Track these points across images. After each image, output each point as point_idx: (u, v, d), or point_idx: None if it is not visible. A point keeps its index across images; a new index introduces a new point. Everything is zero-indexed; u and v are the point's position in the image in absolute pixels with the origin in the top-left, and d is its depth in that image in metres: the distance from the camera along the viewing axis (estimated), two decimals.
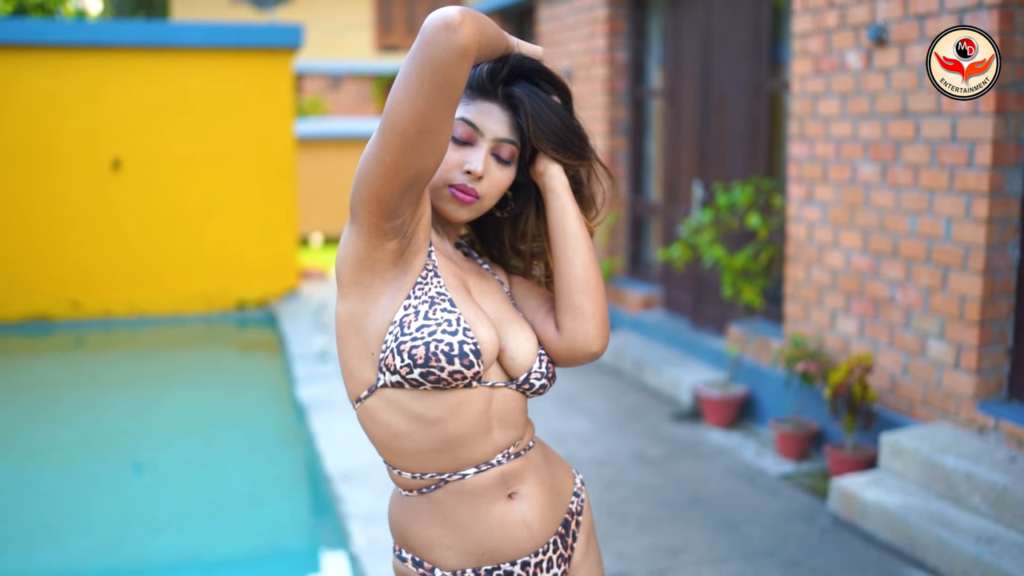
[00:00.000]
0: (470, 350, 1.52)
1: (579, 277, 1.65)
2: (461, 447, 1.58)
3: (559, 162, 1.65)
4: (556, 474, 1.75)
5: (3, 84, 8.79)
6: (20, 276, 8.92)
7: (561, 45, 8.05)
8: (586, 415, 5.74)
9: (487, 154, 1.60)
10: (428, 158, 1.45)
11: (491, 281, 1.74)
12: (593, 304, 1.65)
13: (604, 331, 1.66)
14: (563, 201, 1.66)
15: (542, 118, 1.59)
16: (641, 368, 6.35)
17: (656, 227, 7.27)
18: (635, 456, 5.01)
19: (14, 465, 5.66)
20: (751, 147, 5.83)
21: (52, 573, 4.38)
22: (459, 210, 1.61)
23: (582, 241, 1.65)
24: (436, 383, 1.52)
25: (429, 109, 1.40)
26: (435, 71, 1.38)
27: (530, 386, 1.65)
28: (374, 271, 1.54)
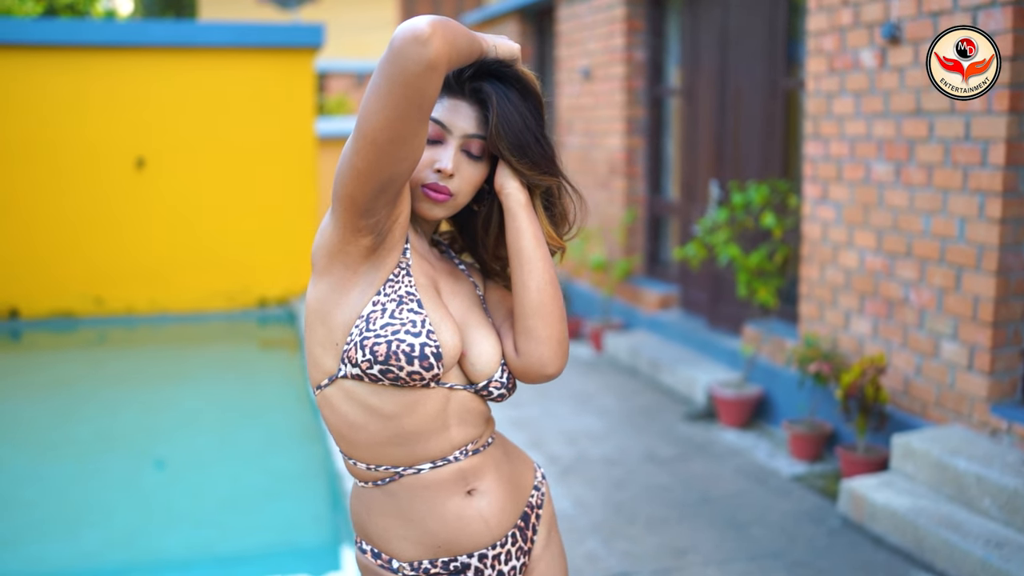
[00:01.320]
0: (431, 353, 1.53)
1: (533, 301, 1.63)
2: (417, 442, 1.59)
3: (515, 170, 1.62)
4: (516, 468, 1.76)
5: (32, 84, 8.89)
6: (46, 273, 9.03)
7: (580, 44, 8.04)
8: (599, 414, 5.74)
9: (457, 151, 1.60)
10: (400, 164, 1.45)
11: (464, 283, 1.74)
12: (547, 328, 1.64)
13: (559, 354, 1.65)
14: (518, 222, 1.64)
15: (504, 116, 1.58)
16: (657, 367, 6.34)
17: (674, 226, 7.25)
18: (646, 455, 5.00)
19: (34, 459, 5.73)
20: (767, 146, 5.80)
21: (68, 565, 4.43)
22: (433, 208, 1.62)
23: (537, 263, 1.63)
24: (394, 381, 1.54)
25: (399, 119, 1.40)
26: (404, 83, 1.37)
27: (488, 393, 1.66)
28: (346, 264, 1.56)
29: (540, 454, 5.04)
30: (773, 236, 5.37)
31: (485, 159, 1.63)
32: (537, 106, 1.63)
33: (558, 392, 6.24)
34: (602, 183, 7.76)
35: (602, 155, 7.73)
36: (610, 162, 7.59)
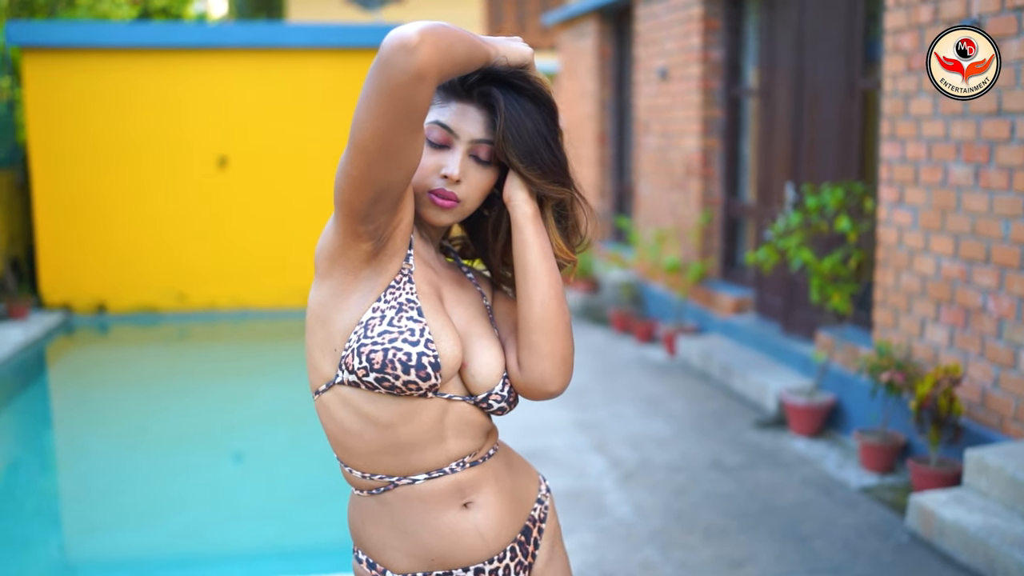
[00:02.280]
0: (428, 362, 1.50)
1: (537, 315, 1.59)
2: (412, 452, 1.57)
3: (524, 179, 1.58)
4: (518, 481, 1.72)
5: (124, 85, 9.18)
6: (132, 269, 9.31)
7: (657, 44, 7.95)
8: (667, 419, 5.66)
9: (464, 157, 1.57)
10: (394, 173, 1.43)
11: (470, 292, 1.70)
12: (550, 344, 1.60)
13: (562, 371, 1.61)
14: (525, 235, 1.60)
15: (513, 120, 1.53)
16: (728, 373, 6.23)
17: (750, 229, 7.12)
18: (711, 462, 4.91)
19: (116, 449, 5.90)
20: (844, 148, 5.65)
21: (141, 554, 4.55)
22: (440, 215, 1.59)
23: (543, 277, 1.59)
24: (390, 389, 1.51)
25: (388, 129, 1.38)
26: (392, 93, 1.34)
27: (488, 406, 1.62)
28: (347, 268, 1.54)
29: (603, 458, 5.00)
30: (847, 240, 5.22)
31: (494, 164, 1.60)
32: (550, 113, 1.58)
33: (628, 395, 6.18)
34: (678, 184, 7.66)
35: (678, 156, 7.63)
36: (686, 163, 7.49)
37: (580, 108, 10.41)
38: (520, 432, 5.45)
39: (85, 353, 8.68)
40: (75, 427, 6.63)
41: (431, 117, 1.57)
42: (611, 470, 4.83)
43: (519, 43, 1.59)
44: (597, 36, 9.67)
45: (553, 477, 4.73)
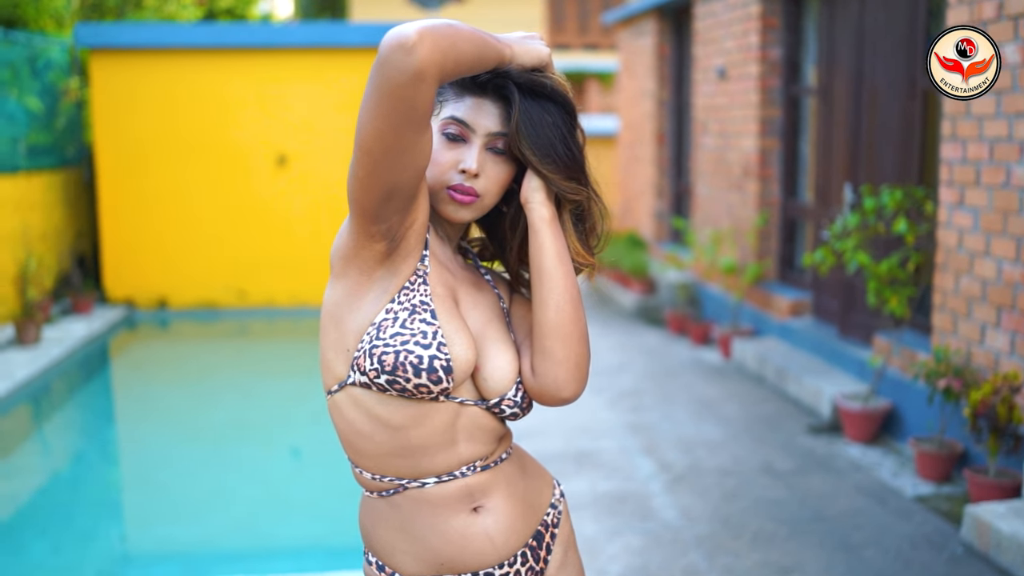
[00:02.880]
0: (440, 366, 1.49)
1: (551, 320, 1.57)
2: (423, 455, 1.55)
3: (540, 175, 1.56)
4: (531, 485, 1.70)
5: (188, 85, 9.34)
6: (193, 265, 9.47)
7: (716, 43, 7.86)
8: (719, 422, 5.59)
9: (481, 150, 1.55)
10: (401, 173, 1.42)
11: (487, 294, 1.68)
12: (565, 350, 1.57)
13: (576, 377, 1.58)
14: (541, 238, 1.57)
15: (528, 113, 1.51)
16: (783, 376, 6.13)
17: (808, 230, 7.00)
18: (763, 467, 4.84)
19: (172, 443, 6.01)
20: (904, 148, 5.52)
21: (191, 546, 4.63)
22: (459, 211, 1.57)
23: (558, 281, 1.57)
24: (401, 392, 1.50)
25: (391, 130, 1.37)
26: (391, 94, 1.33)
27: (500, 411, 1.60)
28: (361, 268, 1.53)
29: (652, 461, 4.95)
30: (906, 243, 5.10)
31: (512, 158, 1.58)
32: (568, 111, 1.56)
33: (681, 397, 6.12)
34: (735, 185, 7.56)
35: (736, 156, 7.53)
36: (744, 163, 7.39)
37: (639, 107, 10.34)
38: (571, 433, 5.42)
39: (146, 348, 8.85)
40: (135, 420, 6.76)
41: (447, 112, 1.56)
42: (660, 473, 4.79)
43: (536, 42, 1.57)
44: (656, 35, 9.59)
45: (601, 479, 4.70)
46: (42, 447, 6.29)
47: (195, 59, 9.32)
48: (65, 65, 9.61)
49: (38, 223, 8.78)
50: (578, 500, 4.45)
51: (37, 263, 8.34)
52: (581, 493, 4.54)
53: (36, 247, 8.56)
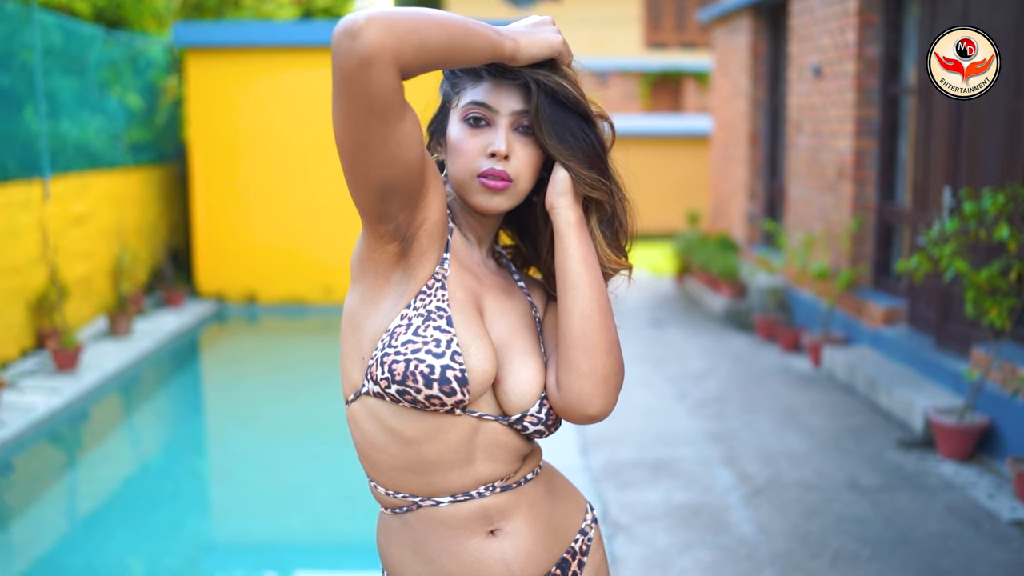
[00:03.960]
0: (453, 376, 1.40)
1: (576, 329, 1.47)
2: (436, 472, 1.46)
3: (564, 166, 1.47)
4: (559, 509, 1.59)
5: (280, 83, 9.47)
6: (281, 261, 9.59)
7: (811, 40, 7.61)
8: (804, 433, 5.38)
9: (508, 131, 1.46)
10: (384, 169, 1.34)
11: (518, 301, 1.58)
12: (590, 361, 1.46)
13: (603, 392, 1.46)
14: (566, 242, 1.48)
15: (550, 91, 1.44)
16: (874, 387, 5.88)
17: (905, 235, 6.70)
18: (847, 483, 4.63)
19: (255, 438, 6.07)
20: (1008, 150, 5.22)
21: (266, 541, 4.66)
22: (493, 199, 1.47)
23: (583, 288, 1.47)
24: (413, 403, 1.42)
25: (355, 123, 1.30)
26: (343, 83, 1.28)
27: (523, 428, 1.50)
28: (376, 272, 1.46)
29: (732, 472, 4.79)
30: (1008, 250, 4.82)
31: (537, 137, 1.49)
32: (580, 114, 1.47)
33: (765, 406, 5.92)
34: (829, 187, 7.30)
35: (830, 157, 7.27)
36: (838, 165, 7.13)
37: (733, 107, 10.10)
38: (648, 441, 5.29)
39: (235, 342, 9.00)
40: (221, 413, 6.87)
41: (466, 99, 1.48)
42: (738, 485, 4.62)
43: (546, 30, 1.47)
44: (751, 32, 9.35)
45: (676, 490, 4.56)
46: (130, 437, 6.43)
47: (290, 58, 9.44)
48: (165, 64, 9.85)
49: (134, 218, 9.01)
50: (651, 511, 4.32)
51: (132, 257, 8.56)
52: (655, 503, 4.41)
53: (131, 241, 8.78)
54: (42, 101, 7.39)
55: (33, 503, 5.10)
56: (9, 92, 7.04)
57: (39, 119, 7.34)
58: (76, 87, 8.17)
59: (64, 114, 7.90)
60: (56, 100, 7.76)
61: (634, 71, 20.79)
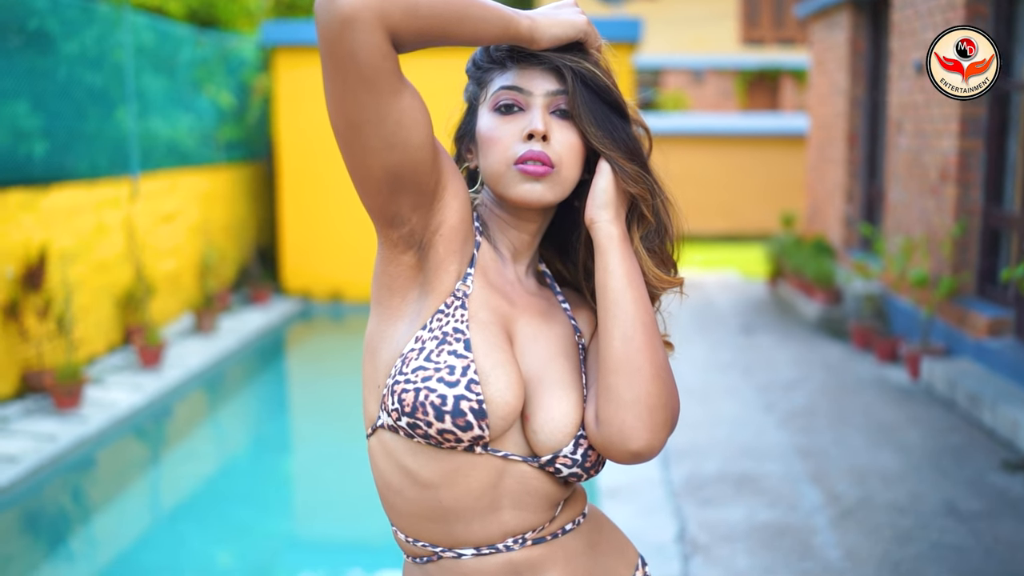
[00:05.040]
0: (469, 408, 1.24)
1: (616, 352, 1.29)
2: (457, 521, 1.30)
3: (607, 157, 1.32)
4: (602, 563, 1.40)
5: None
6: (367, 260, 9.51)
7: (913, 35, 7.24)
8: (898, 450, 5.09)
9: (544, 112, 1.32)
10: (386, 154, 1.21)
11: (558, 325, 1.40)
12: (633, 389, 1.27)
13: (648, 425, 1.27)
14: (607, 259, 1.32)
15: (580, 74, 1.31)
16: (976, 402, 5.54)
17: (1015, 241, 6.32)
18: (945, 507, 4.34)
19: (338, 439, 6.02)
20: None
21: (346, 544, 4.64)
22: (535, 187, 1.31)
23: (626, 308, 1.30)
24: (425, 439, 1.26)
25: (345, 97, 1.18)
26: (327, 50, 1.16)
27: (556, 471, 1.32)
28: (392, 289, 1.32)
29: (819, 491, 4.54)
30: None
31: (577, 123, 1.34)
32: (610, 103, 1.34)
33: (858, 420, 5.63)
34: (931, 190, 6.94)
35: (932, 158, 6.90)
36: (941, 166, 6.76)
37: (830, 106, 9.74)
38: (732, 454, 5.07)
39: (320, 340, 9.03)
40: (304, 413, 6.87)
41: (495, 86, 1.35)
42: (826, 506, 4.38)
43: (570, 11, 1.33)
44: (850, 28, 8.98)
45: (760, 508, 4.34)
46: (211, 435, 6.47)
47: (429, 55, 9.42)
48: (256, 62, 9.94)
49: (222, 215, 9.11)
50: (733, 530, 4.11)
51: (219, 255, 8.64)
52: (737, 522, 4.20)
53: (218, 239, 8.87)
54: (133, 100, 7.50)
55: (114, 499, 5.15)
56: (101, 92, 7.16)
57: (130, 118, 7.45)
58: (167, 86, 8.29)
59: (155, 113, 8.01)
60: (147, 99, 7.88)
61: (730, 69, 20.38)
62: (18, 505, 4.69)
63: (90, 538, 4.72)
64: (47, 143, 6.34)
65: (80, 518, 4.96)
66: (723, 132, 14.58)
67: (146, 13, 8.36)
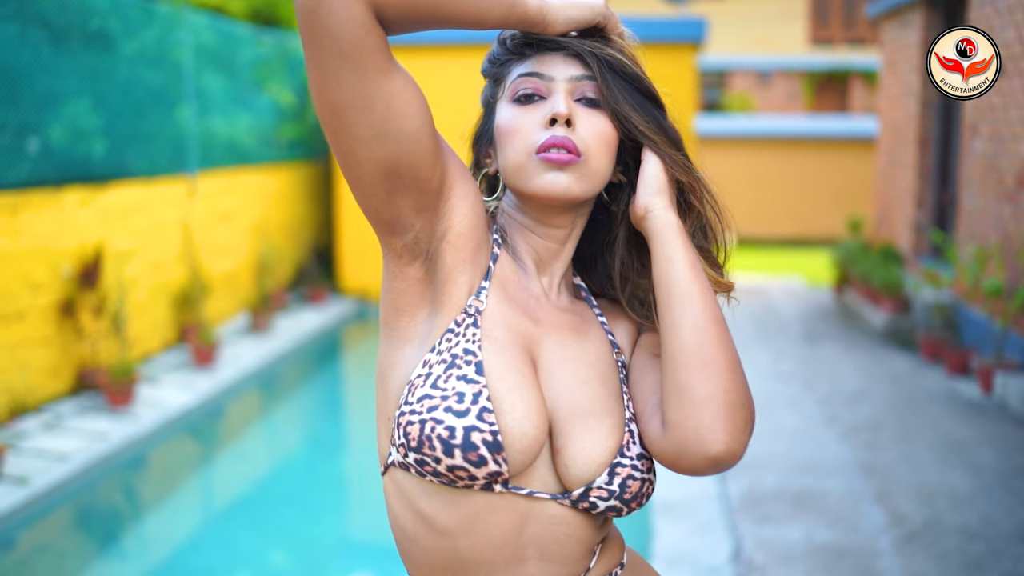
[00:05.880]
0: (482, 441, 1.09)
1: (687, 345, 1.13)
2: (476, 574, 1.16)
3: (651, 145, 1.21)
4: None
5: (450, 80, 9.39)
6: None
7: (993, 34, 6.95)
8: (969, 470, 4.85)
9: (567, 96, 1.19)
10: (376, 145, 1.09)
11: (593, 342, 1.25)
12: (709, 383, 1.11)
13: (729, 426, 1.10)
14: (668, 248, 1.18)
15: (606, 61, 1.20)
16: None
17: None
18: (1020, 532, 4.11)
19: None
20: None
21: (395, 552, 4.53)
22: (560, 178, 1.18)
23: (694, 298, 1.15)
24: (436, 477, 1.12)
25: (325, 78, 1.07)
26: (302, 23, 1.06)
27: (591, 506, 1.16)
28: (400, 308, 1.19)
29: (883, 511, 4.34)
30: None
31: (607, 113, 1.22)
32: (650, 86, 1.24)
33: (925, 435, 5.40)
34: (1007, 196, 6.65)
35: (1009, 163, 6.62)
36: (1019, 172, 6.47)
37: (901, 108, 9.43)
38: (791, 469, 4.88)
39: (376, 341, 8.95)
40: (358, 415, 6.81)
41: (514, 75, 1.23)
42: (890, 527, 4.17)
43: None
44: (923, 28, 8.68)
45: (820, 527, 4.16)
46: (263, 436, 6.44)
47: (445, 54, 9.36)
48: None
49: (280, 215, 9.12)
50: (790, 550, 3.94)
51: (276, 254, 8.65)
52: (795, 542, 4.02)
53: (276, 238, 8.88)
54: (193, 99, 7.52)
55: (164, 499, 5.14)
56: (161, 91, 7.19)
57: (189, 117, 7.48)
58: (227, 85, 8.31)
59: (215, 112, 8.04)
60: (207, 98, 7.90)
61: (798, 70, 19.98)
62: (70, 503, 4.70)
63: (142, 537, 4.71)
64: (107, 142, 6.37)
65: (130, 517, 4.96)
66: (790, 134, 14.28)
67: (207, 12, 8.39)
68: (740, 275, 10.63)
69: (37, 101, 5.73)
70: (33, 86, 5.68)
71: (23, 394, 5.37)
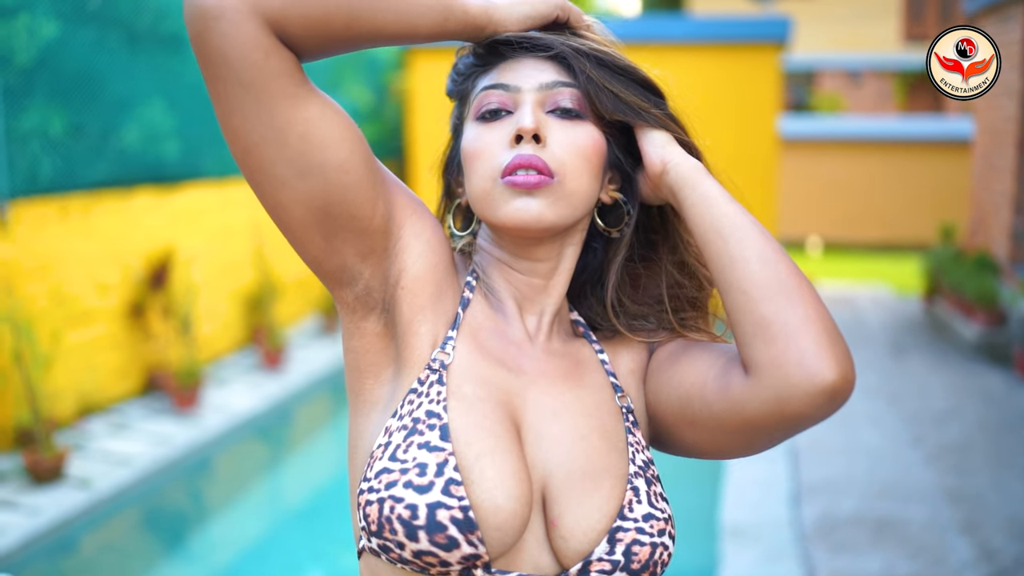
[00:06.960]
0: (451, 519, 0.93)
1: (760, 279, 0.97)
2: None
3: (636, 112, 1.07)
4: None
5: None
6: None
7: None
8: None
9: (536, 107, 1.04)
10: (299, 184, 0.96)
11: (590, 390, 1.08)
12: (799, 309, 0.95)
13: (836, 347, 0.94)
14: (703, 188, 1.04)
15: (594, 61, 1.06)
16: None
17: None
18: None
19: None
20: None
21: None
22: (528, 204, 1.01)
23: (748, 229, 1.01)
24: (405, 564, 0.96)
25: (231, 112, 0.94)
26: (196, 52, 0.93)
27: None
28: (361, 369, 1.04)
29: (971, 543, 4.07)
30: None
31: (589, 117, 1.06)
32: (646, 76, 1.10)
33: (1020, 461, 5.09)
34: None
35: None
36: None
37: (1000, 109, 9.01)
38: (871, 493, 4.63)
39: None
40: None
41: (477, 89, 1.08)
42: (979, 561, 3.90)
43: None
44: (1021, 29, 8.26)
45: (901, 559, 3.91)
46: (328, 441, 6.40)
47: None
48: (393, 62, 9.93)
49: None
50: None
51: None
52: (873, 574, 3.79)
53: None
54: None
55: (227, 504, 5.11)
56: None
57: None
58: None
59: None
60: None
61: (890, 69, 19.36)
62: (135, 506, 4.70)
63: (204, 542, 4.69)
64: (179, 143, 6.40)
65: (194, 521, 4.94)
66: (881, 137, 13.82)
67: None
68: (825, 282, 10.30)
69: (113, 104, 5.77)
70: (110, 89, 5.72)
71: (92, 394, 5.41)
